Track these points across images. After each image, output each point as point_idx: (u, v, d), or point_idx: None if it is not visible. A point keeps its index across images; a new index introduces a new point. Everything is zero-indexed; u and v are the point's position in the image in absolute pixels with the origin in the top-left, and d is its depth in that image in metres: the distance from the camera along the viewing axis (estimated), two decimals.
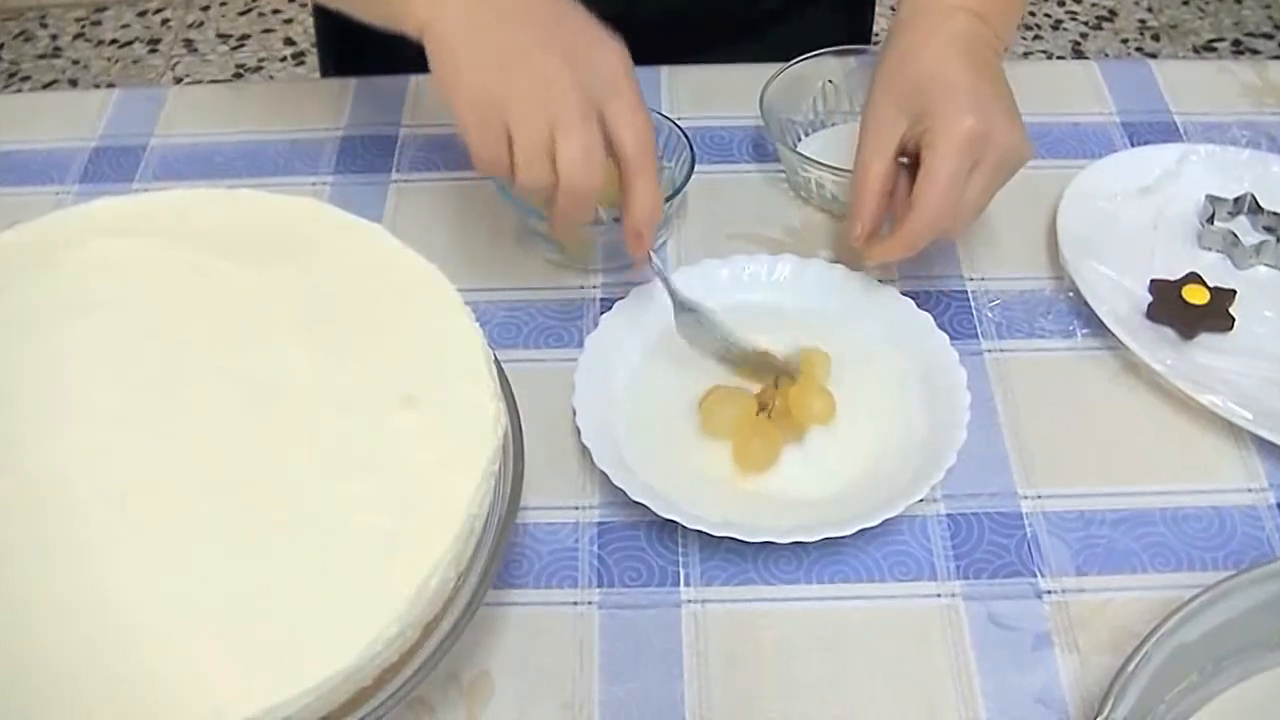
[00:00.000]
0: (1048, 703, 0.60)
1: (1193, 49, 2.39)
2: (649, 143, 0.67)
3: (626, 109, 0.66)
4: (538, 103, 0.63)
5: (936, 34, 0.72)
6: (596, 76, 0.65)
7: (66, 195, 0.87)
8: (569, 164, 0.64)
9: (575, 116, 0.64)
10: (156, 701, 0.49)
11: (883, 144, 0.71)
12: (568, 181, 0.64)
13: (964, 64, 0.70)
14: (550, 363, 0.74)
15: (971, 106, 0.68)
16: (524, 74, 0.64)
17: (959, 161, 0.68)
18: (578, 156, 0.64)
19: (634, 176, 0.67)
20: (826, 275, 0.76)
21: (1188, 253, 0.80)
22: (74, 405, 0.58)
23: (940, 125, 0.68)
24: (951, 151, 0.68)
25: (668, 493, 0.66)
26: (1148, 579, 0.65)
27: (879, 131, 0.71)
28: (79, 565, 0.52)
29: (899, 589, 0.65)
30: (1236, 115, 0.90)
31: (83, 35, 2.53)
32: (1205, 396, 0.70)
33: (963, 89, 0.69)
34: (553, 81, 0.64)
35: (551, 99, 0.64)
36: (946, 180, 0.68)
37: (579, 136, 0.64)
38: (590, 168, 0.64)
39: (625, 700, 0.61)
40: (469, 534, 0.55)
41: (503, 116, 0.64)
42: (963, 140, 0.67)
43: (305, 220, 0.67)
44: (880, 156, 0.71)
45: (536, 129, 0.63)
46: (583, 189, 0.65)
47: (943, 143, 0.68)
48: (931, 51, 0.71)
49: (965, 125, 0.67)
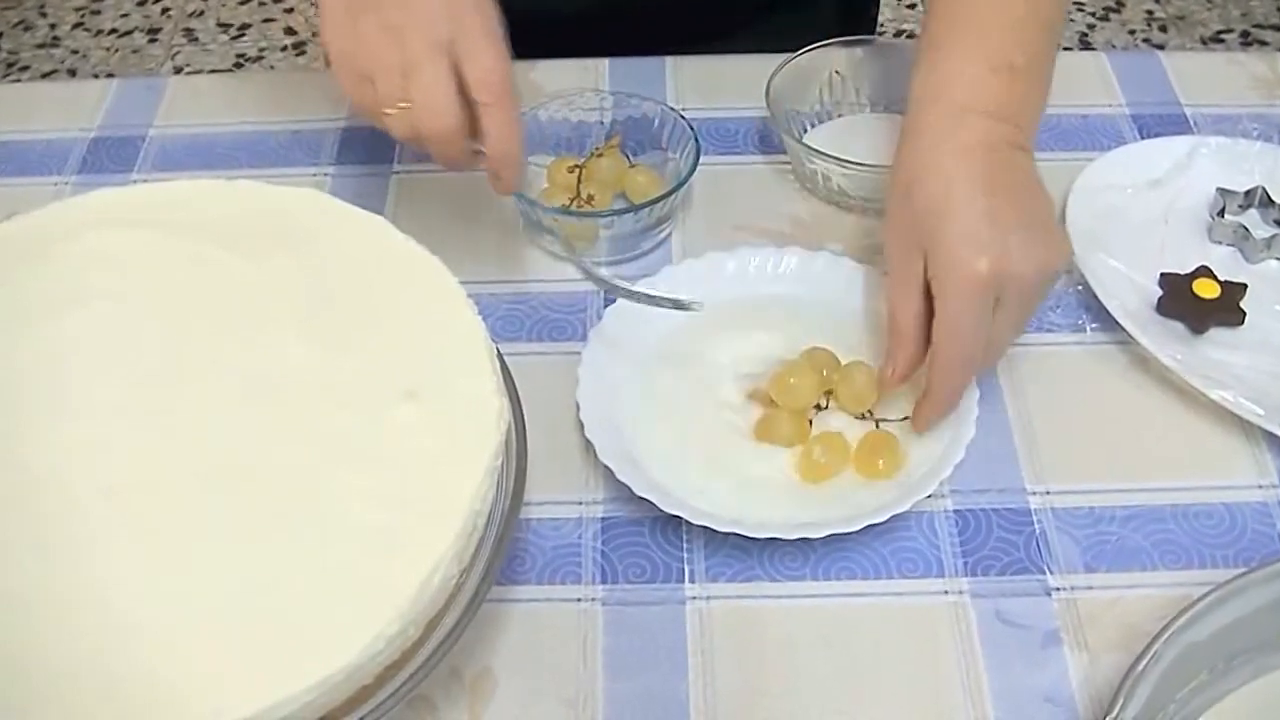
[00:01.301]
0: (1057, 701, 0.60)
1: (1200, 40, 2.38)
2: (500, 75, 0.66)
3: (475, 47, 0.65)
4: (386, 51, 0.65)
5: (944, 147, 0.66)
6: (448, 19, 0.65)
7: (65, 186, 0.87)
8: (421, 106, 0.65)
9: (423, 59, 0.64)
10: (156, 700, 0.48)
11: (909, 283, 0.66)
12: (424, 123, 0.65)
13: (975, 187, 0.64)
14: (553, 356, 0.74)
15: (983, 243, 0.62)
16: (370, 24, 0.65)
17: (976, 312, 0.63)
18: (426, 97, 0.65)
19: (485, 111, 0.66)
20: (833, 268, 0.76)
21: (1198, 246, 0.79)
22: (72, 399, 0.58)
23: (949, 274, 0.63)
24: (966, 303, 0.63)
25: (672, 488, 0.65)
26: (1158, 576, 0.64)
27: (902, 268, 0.66)
28: (77, 562, 0.52)
29: (906, 586, 0.64)
30: (1247, 107, 0.89)
31: (82, 24, 2.53)
32: (1216, 392, 0.69)
33: (971, 222, 0.63)
34: (399, 28, 0.65)
35: (399, 46, 0.64)
36: (967, 335, 0.64)
37: (425, 76, 0.64)
38: (439, 105, 0.65)
39: (629, 697, 0.60)
40: (471, 530, 0.54)
41: (360, 66, 0.66)
42: (976, 286, 0.62)
43: (306, 211, 0.67)
44: (909, 299, 0.66)
45: (388, 77, 0.65)
46: (440, 130, 0.65)
47: (953, 294, 0.63)
48: (940, 172, 0.65)
49: (976, 270, 0.62)
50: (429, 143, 0.67)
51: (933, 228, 0.64)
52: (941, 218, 0.64)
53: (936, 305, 0.64)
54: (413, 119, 0.65)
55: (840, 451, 0.67)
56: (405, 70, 0.65)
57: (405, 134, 0.66)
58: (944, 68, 0.69)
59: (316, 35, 2.44)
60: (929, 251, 0.64)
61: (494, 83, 0.66)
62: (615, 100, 0.85)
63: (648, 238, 0.80)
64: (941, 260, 0.63)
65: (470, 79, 0.66)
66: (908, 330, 0.66)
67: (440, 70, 0.65)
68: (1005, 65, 0.68)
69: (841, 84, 0.88)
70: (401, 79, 0.65)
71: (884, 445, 0.67)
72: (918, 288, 0.65)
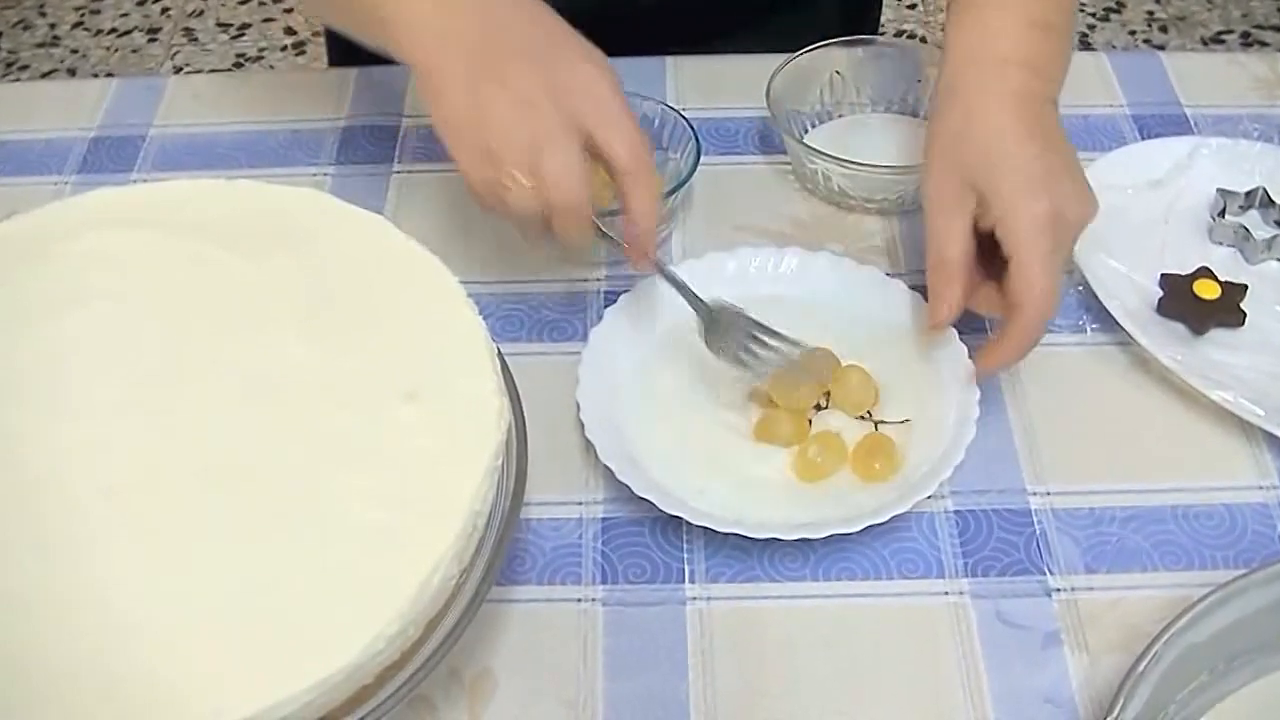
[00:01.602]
0: (1057, 702, 0.60)
1: (1201, 41, 2.38)
2: (642, 152, 0.66)
3: (613, 122, 0.65)
4: (518, 124, 0.63)
5: (990, 96, 0.68)
6: (578, 93, 0.64)
7: (65, 185, 0.87)
8: (553, 180, 0.63)
9: (556, 133, 0.63)
10: (155, 700, 0.48)
11: (956, 227, 0.67)
12: (555, 197, 0.63)
13: (1025, 133, 0.67)
14: (553, 356, 0.74)
15: (1044, 187, 0.65)
16: (503, 97, 0.64)
17: (1049, 254, 0.65)
18: (560, 171, 0.63)
19: (630, 187, 0.66)
20: (834, 269, 0.76)
21: (1199, 247, 0.79)
22: (72, 399, 0.58)
23: (1016, 216, 0.65)
24: (1039, 245, 0.65)
25: (672, 488, 0.65)
26: (1158, 577, 0.64)
27: (949, 211, 0.68)
28: (77, 562, 0.52)
29: (906, 586, 0.64)
30: (1248, 108, 0.89)
31: (81, 24, 2.53)
32: (1216, 392, 0.69)
33: (1031, 167, 0.66)
34: (532, 102, 0.63)
35: (531, 119, 0.63)
36: (1047, 277, 0.65)
37: (560, 152, 0.63)
38: (573, 182, 0.63)
39: (629, 698, 0.60)
40: (471, 530, 0.54)
41: (485, 140, 0.63)
42: (1044, 229, 0.65)
43: (306, 211, 0.66)
44: (955, 241, 0.67)
45: (519, 150, 0.63)
46: (570, 204, 0.64)
47: (1026, 236, 0.65)
48: (989, 120, 0.68)
49: (1043, 211, 0.65)
50: (557, 216, 0.64)
51: (994, 169, 0.66)
52: (1003, 160, 0.66)
53: (1010, 245, 0.65)
54: (544, 194, 0.63)
55: (837, 451, 0.67)
56: (535, 145, 0.63)
57: (523, 207, 0.64)
58: (985, 24, 0.71)
59: (317, 35, 2.44)
60: (991, 193, 0.66)
61: (638, 159, 0.65)
62: None
63: None
64: (1009, 201, 0.65)
65: (615, 157, 0.65)
66: (957, 268, 0.67)
67: (575, 146, 0.64)
68: (1041, 22, 0.71)
69: (842, 84, 0.88)
70: (530, 155, 0.63)
71: (881, 448, 0.67)
72: (966, 232, 0.67)
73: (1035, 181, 0.65)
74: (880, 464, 0.67)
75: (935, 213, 0.69)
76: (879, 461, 0.67)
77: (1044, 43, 0.71)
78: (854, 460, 0.67)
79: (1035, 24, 0.71)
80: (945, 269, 0.68)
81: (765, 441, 0.68)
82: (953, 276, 0.67)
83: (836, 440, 0.68)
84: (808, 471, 0.67)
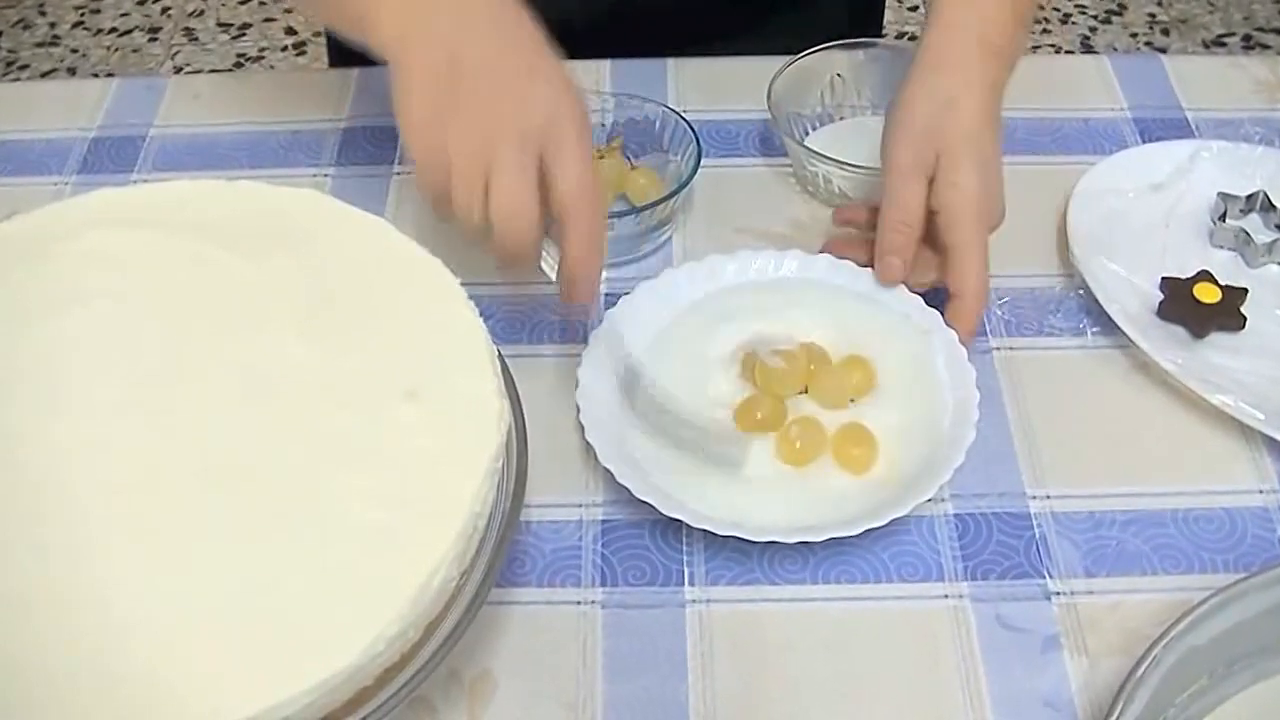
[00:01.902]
0: (1056, 705, 0.60)
1: (1203, 44, 2.38)
2: (586, 186, 0.64)
3: (567, 155, 0.63)
4: (474, 143, 0.62)
5: (974, 88, 0.72)
6: (539, 117, 0.63)
7: (65, 186, 0.87)
8: (498, 208, 0.62)
9: (509, 160, 0.62)
10: (155, 700, 0.48)
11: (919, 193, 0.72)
12: (499, 225, 0.63)
13: (991, 134, 0.72)
14: (553, 358, 0.74)
15: (993, 189, 0.72)
16: (465, 113, 0.63)
17: (985, 247, 0.71)
18: (506, 202, 0.62)
19: (569, 220, 0.64)
20: (833, 271, 0.76)
21: (1199, 250, 0.80)
22: (72, 398, 0.58)
23: (969, 209, 0.70)
24: (980, 239, 0.71)
25: (673, 490, 0.65)
26: (1158, 581, 0.64)
27: (916, 178, 0.72)
28: (76, 562, 0.52)
29: (906, 590, 0.64)
30: (1249, 111, 0.89)
31: (82, 24, 2.53)
32: (1216, 396, 0.69)
33: (989, 168, 0.71)
34: (491, 124, 0.63)
35: (489, 140, 0.62)
36: (984, 268, 0.71)
37: (510, 180, 0.62)
38: (519, 213, 0.63)
39: (629, 700, 0.60)
40: (471, 531, 0.54)
41: (442, 155, 0.63)
42: (985, 226, 0.71)
43: (306, 212, 0.67)
44: (918, 206, 0.72)
45: (472, 171, 0.62)
46: (513, 234, 0.63)
47: (973, 231, 0.71)
48: (969, 113, 0.71)
49: (988, 210, 0.71)
50: (499, 240, 0.64)
51: (956, 162, 0.71)
52: (967, 157, 0.71)
53: (954, 234, 0.71)
54: (490, 210, 0.63)
55: (817, 436, 0.67)
56: (487, 160, 0.62)
57: (469, 225, 0.64)
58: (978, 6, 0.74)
59: (317, 35, 2.44)
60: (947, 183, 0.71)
61: (580, 195, 0.64)
62: (617, 102, 0.85)
63: (649, 240, 0.80)
64: (962, 195, 0.70)
65: (556, 181, 0.63)
66: (916, 230, 0.72)
67: (528, 175, 0.63)
68: (1022, 13, 0.76)
69: (843, 86, 0.88)
70: (482, 169, 0.62)
71: (859, 436, 0.67)
72: (925, 185, 0.71)
73: (990, 179, 0.71)
74: (860, 451, 0.67)
75: (904, 176, 0.72)
76: (858, 448, 0.67)
77: (1019, 35, 0.75)
78: (834, 447, 0.67)
79: (1018, 16, 0.75)
80: (906, 230, 0.72)
81: (745, 427, 0.68)
82: (911, 238, 0.72)
83: (815, 424, 0.68)
84: (791, 456, 0.67)
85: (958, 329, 0.71)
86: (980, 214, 0.71)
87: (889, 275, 0.73)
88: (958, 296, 0.71)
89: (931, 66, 0.73)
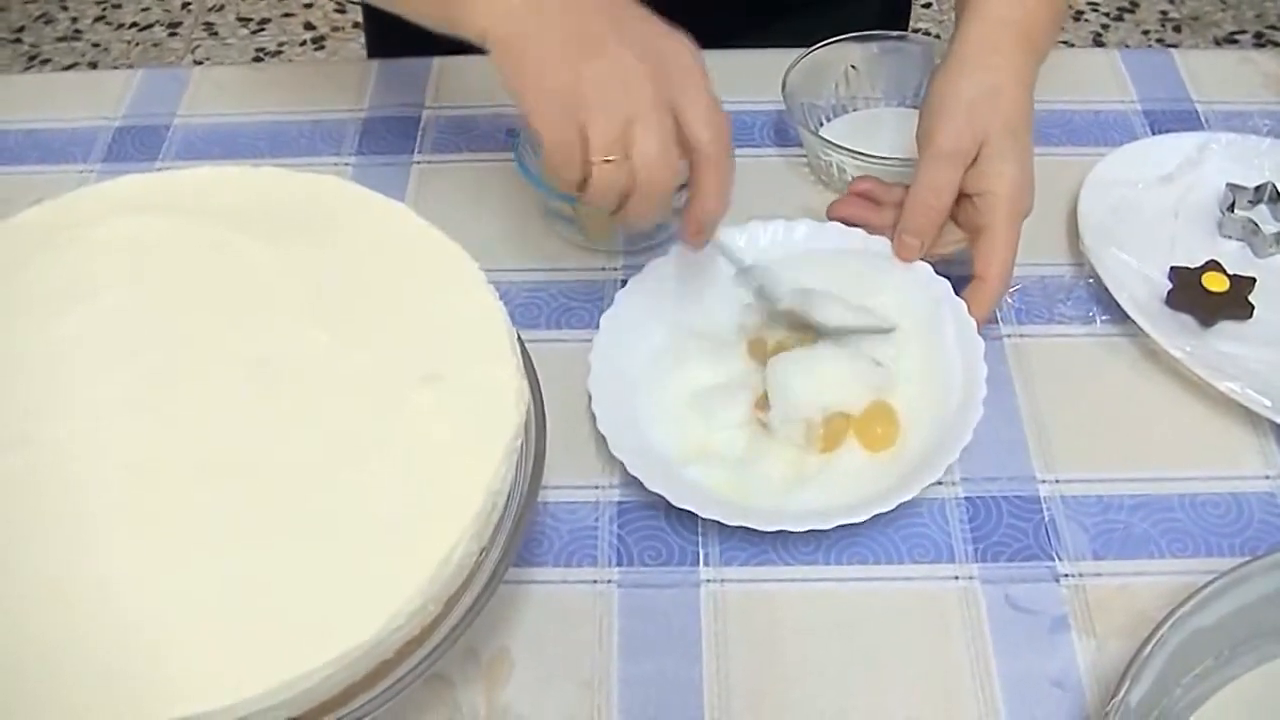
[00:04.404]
0: (1064, 686, 0.60)
1: (1214, 41, 2.37)
2: (724, 136, 0.65)
3: (701, 101, 0.64)
4: (614, 96, 0.61)
5: (1023, 80, 0.73)
6: (669, 69, 0.63)
7: (90, 174, 0.88)
8: (646, 159, 0.62)
9: (651, 110, 0.61)
10: (178, 674, 0.49)
11: (953, 179, 0.73)
12: (644, 176, 0.62)
13: (1029, 124, 0.73)
14: (572, 343, 0.75)
15: (1030, 176, 0.72)
16: (598, 68, 0.61)
17: (1017, 235, 0.72)
18: (654, 150, 0.62)
19: (707, 169, 0.65)
20: (843, 236, 0.76)
21: (1208, 241, 0.80)
22: (95, 384, 0.58)
23: (1008, 199, 0.72)
24: (1014, 227, 0.72)
25: (687, 477, 0.66)
26: (1165, 564, 0.65)
27: (953, 163, 0.72)
28: (95, 546, 0.53)
29: (917, 571, 0.65)
30: (1258, 104, 0.90)
31: (103, 18, 2.54)
32: (1224, 384, 0.70)
33: (1026, 157, 0.72)
34: (629, 74, 0.62)
35: (628, 92, 0.61)
36: (1012, 255, 0.72)
37: (656, 131, 0.61)
38: (666, 163, 0.62)
39: (643, 679, 0.61)
40: (490, 509, 0.55)
41: (577, 112, 0.61)
42: (1020, 215, 0.72)
43: (327, 198, 0.67)
44: (949, 193, 0.73)
45: (613, 123, 0.61)
46: (658, 186, 0.63)
47: (1008, 218, 0.72)
48: (1014, 102, 0.72)
49: (1024, 200, 0.72)
50: (640, 196, 0.63)
51: (1003, 151, 0.72)
52: (1010, 147, 0.72)
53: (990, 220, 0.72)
54: (635, 175, 0.62)
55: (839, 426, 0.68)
56: (634, 119, 0.61)
57: (610, 183, 0.63)
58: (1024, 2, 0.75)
59: (336, 30, 2.46)
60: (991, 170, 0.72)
61: (719, 143, 0.64)
62: None
63: (664, 228, 0.80)
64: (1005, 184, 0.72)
65: (697, 138, 0.63)
66: (942, 215, 0.74)
67: (669, 125, 0.62)
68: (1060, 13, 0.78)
69: (858, 78, 0.89)
70: (624, 133, 0.61)
71: (885, 414, 0.68)
72: (960, 172, 0.72)
73: (1027, 172, 0.72)
74: (883, 429, 0.68)
75: (941, 160, 0.73)
76: (881, 426, 0.68)
77: (1054, 34, 0.76)
78: (858, 427, 0.68)
79: (1055, 15, 0.76)
80: (932, 214, 0.73)
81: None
82: (935, 222, 0.73)
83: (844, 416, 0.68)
84: (819, 442, 0.67)
85: (974, 311, 0.71)
86: (1017, 202, 0.72)
87: (905, 254, 0.74)
88: (982, 279, 0.72)
89: (975, 57, 0.74)
